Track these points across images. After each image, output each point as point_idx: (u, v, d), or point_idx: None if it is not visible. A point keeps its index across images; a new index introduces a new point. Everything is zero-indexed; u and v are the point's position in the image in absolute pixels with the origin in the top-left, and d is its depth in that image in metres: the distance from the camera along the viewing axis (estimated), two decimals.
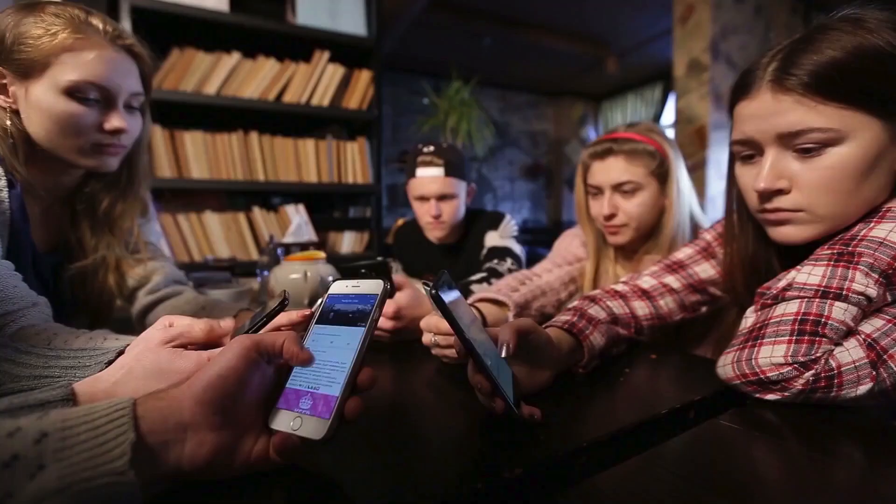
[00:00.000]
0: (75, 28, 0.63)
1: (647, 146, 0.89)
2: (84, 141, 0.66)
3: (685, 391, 0.54)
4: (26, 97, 0.63)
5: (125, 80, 0.68)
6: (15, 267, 0.62)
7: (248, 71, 1.80)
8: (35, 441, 0.28)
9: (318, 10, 1.89)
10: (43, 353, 0.49)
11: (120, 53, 0.67)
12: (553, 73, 4.59)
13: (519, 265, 1.17)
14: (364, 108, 2.00)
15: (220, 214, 1.83)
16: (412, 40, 3.71)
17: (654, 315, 0.73)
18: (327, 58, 1.92)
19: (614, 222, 0.91)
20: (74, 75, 0.63)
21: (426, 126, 3.85)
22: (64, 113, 0.63)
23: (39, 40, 0.62)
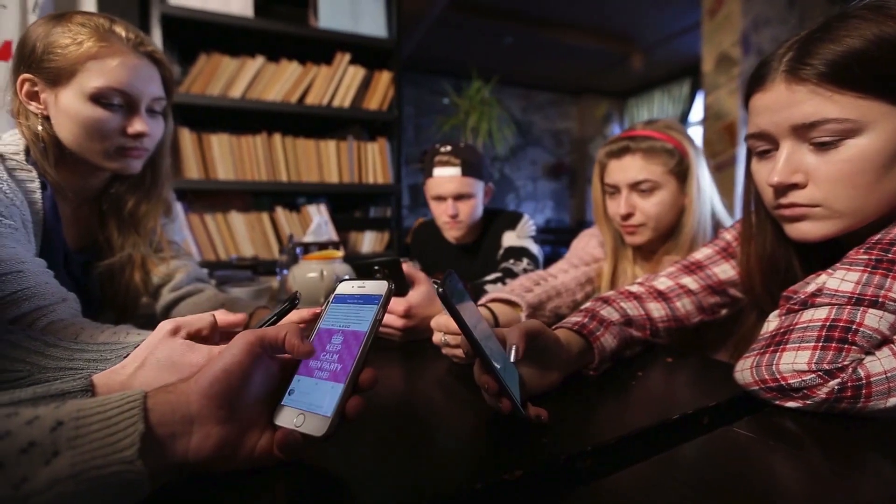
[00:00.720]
0: (100, 36, 0.66)
1: (666, 144, 0.87)
2: (109, 144, 0.69)
3: (700, 396, 0.53)
4: (56, 103, 0.67)
5: (147, 86, 0.70)
6: (47, 264, 0.66)
7: (272, 74, 1.84)
8: (51, 429, 0.30)
9: (339, 13, 1.92)
10: (69, 346, 0.51)
11: (142, 60, 0.69)
12: (576, 71, 4.52)
13: (536, 265, 1.16)
14: (384, 108, 2.02)
15: (245, 214, 1.88)
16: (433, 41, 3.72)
17: (670, 317, 0.71)
18: (348, 60, 1.94)
19: (631, 222, 0.90)
20: (99, 82, 0.66)
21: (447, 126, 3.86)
22: (90, 118, 0.66)
23: (67, 49, 0.65)
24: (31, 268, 0.61)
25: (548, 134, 5.16)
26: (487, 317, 0.72)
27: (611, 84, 4.90)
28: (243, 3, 1.73)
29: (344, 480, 0.36)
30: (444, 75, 4.25)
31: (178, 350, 0.43)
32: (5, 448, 0.28)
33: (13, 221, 0.63)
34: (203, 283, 0.86)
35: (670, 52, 4.06)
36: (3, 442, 0.28)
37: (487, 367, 0.43)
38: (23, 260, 0.62)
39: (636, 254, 0.99)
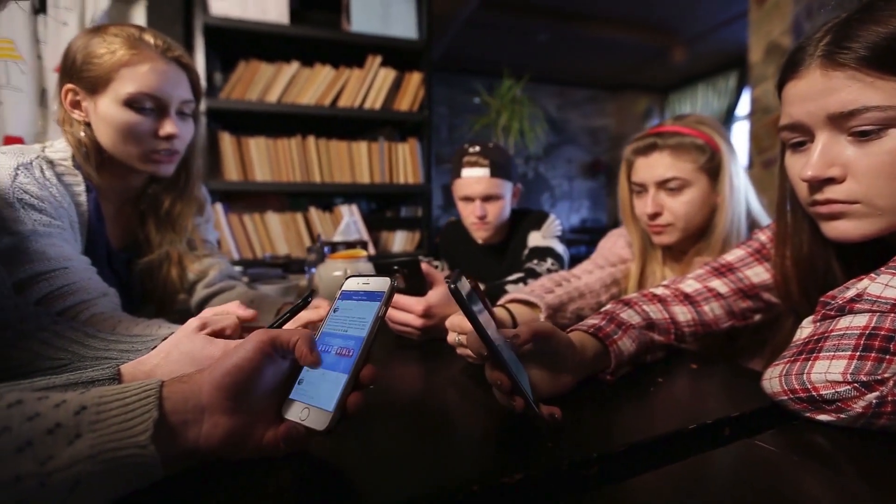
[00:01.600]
0: (131, 45, 0.70)
1: (696, 139, 0.83)
2: (143, 147, 0.73)
3: (723, 405, 0.50)
4: (95, 110, 0.72)
5: (175, 89, 0.74)
6: (91, 261, 0.71)
7: (306, 79, 1.90)
8: (75, 412, 0.32)
9: (371, 17, 1.96)
10: (105, 338, 0.55)
11: (170, 65, 0.74)
12: (614, 66, 4.39)
13: (561, 266, 1.14)
14: (415, 109, 2.04)
15: (281, 214, 1.95)
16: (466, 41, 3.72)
17: (697, 321, 0.68)
18: (379, 62, 1.98)
19: (659, 221, 0.86)
20: (132, 87, 0.70)
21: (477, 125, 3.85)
22: (125, 122, 0.71)
23: (102, 58, 0.70)
24: (77, 265, 0.67)
25: (584, 131, 5.04)
26: (505, 317, 0.71)
27: (651, 78, 4.73)
28: (279, 10, 1.80)
29: (344, 474, 0.37)
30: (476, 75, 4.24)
31: (199, 345, 0.45)
32: (34, 428, 0.30)
33: (61, 222, 0.68)
34: (234, 280, 0.90)
35: (715, 43, 3.87)
36: (33, 422, 0.31)
37: (499, 364, 0.43)
38: (69, 258, 0.67)
39: (666, 255, 0.95)
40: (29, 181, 0.67)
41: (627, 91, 5.01)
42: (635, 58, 4.19)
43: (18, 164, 0.67)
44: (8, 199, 0.65)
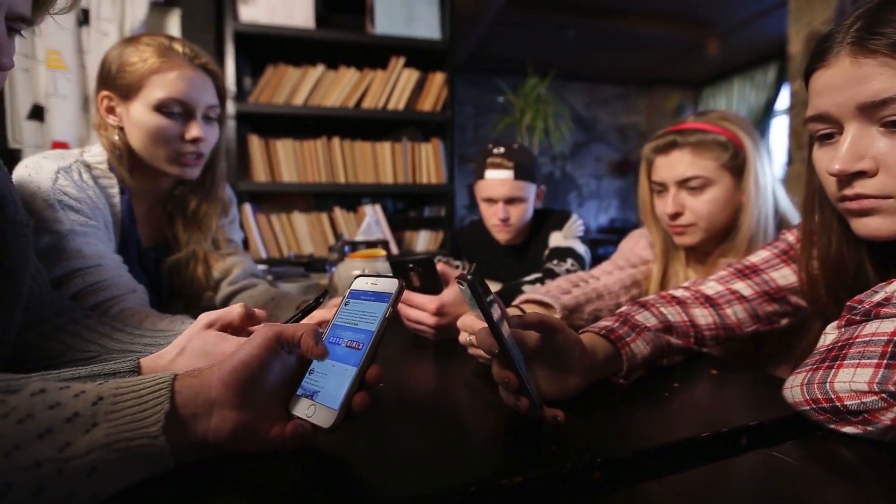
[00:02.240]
0: (161, 53, 0.74)
1: (718, 136, 0.80)
2: (171, 150, 0.77)
3: (741, 414, 0.48)
4: (128, 115, 0.76)
5: (202, 95, 0.78)
6: (123, 259, 0.75)
7: (331, 81, 1.93)
8: (93, 403, 0.34)
9: (394, 18, 1.97)
10: (131, 332, 0.58)
11: (197, 72, 0.77)
12: (645, 62, 4.27)
13: (581, 266, 1.12)
14: (438, 109, 2.05)
15: (306, 214, 1.99)
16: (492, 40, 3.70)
17: (718, 325, 0.66)
18: (402, 63, 1.99)
19: (680, 222, 0.84)
20: (161, 93, 0.74)
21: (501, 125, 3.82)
22: (154, 126, 0.75)
23: (135, 66, 0.73)
24: (109, 262, 0.70)
25: (613, 129, 4.93)
26: None
27: (684, 73, 4.57)
28: (305, 15, 1.84)
29: (346, 470, 0.38)
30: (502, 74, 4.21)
31: (212, 340, 0.47)
32: (55, 416, 0.32)
33: (96, 222, 0.72)
34: (257, 278, 0.93)
35: (752, 34, 3.71)
36: (54, 410, 0.33)
37: (507, 362, 0.43)
38: (103, 255, 0.71)
39: (689, 256, 0.92)
40: (68, 184, 0.71)
41: (659, 87, 4.87)
42: (667, 52, 4.06)
43: (59, 168, 0.71)
44: (49, 201, 0.69)
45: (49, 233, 0.68)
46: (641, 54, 4.09)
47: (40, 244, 0.67)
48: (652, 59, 4.22)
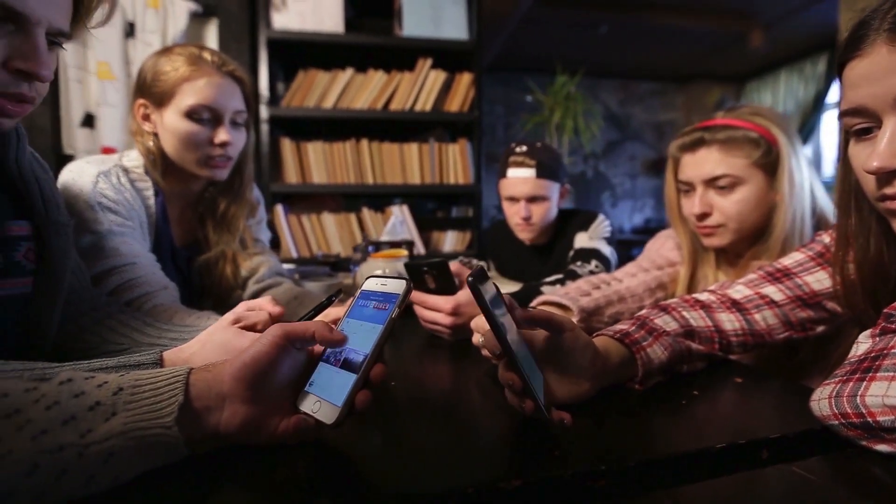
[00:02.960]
0: (191, 61, 0.78)
1: (749, 132, 0.76)
2: (200, 154, 0.81)
3: (764, 425, 0.46)
4: (162, 122, 0.80)
5: (229, 101, 0.81)
6: (156, 258, 0.79)
7: (360, 84, 1.97)
8: (113, 393, 0.36)
9: (422, 20, 1.99)
10: (160, 327, 0.61)
11: (225, 79, 0.80)
12: (682, 56, 4.12)
13: (606, 268, 1.09)
14: (465, 110, 2.05)
15: (336, 215, 2.04)
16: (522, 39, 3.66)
17: (746, 331, 0.63)
18: (430, 64, 2.01)
19: (708, 223, 0.80)
20: (191, 100, 0.77)
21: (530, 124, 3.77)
22: (185, 132, 0.79)
23: (168, 75, 0.77)
24: (143, 261, 0.75)
25: (649, 127, 4.78)
26: None
27: (725, 67, 4.38)
28: (335, 20, 1.88)
29: (347, 466, 0.38)
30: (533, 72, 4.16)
31: (230, 336, 0.49)
32: (79, 404, 0.35)
33: (132, 223, 0.77)
34: (282, 277, 0.97)
35: (799, 23, 3.50)
36: (79, 399, 0.35)
37: (512, 364, 0.42)
38: (138, 254, 0.75)
39: (719, 258, 0.88)
40: (107, 187, 0.76)
41: (697, 82, 4.68)
42: (706, 46, 3.90)
43: (99, 172, 0.76)
44: (90, 202, 0.74)
45: (90, 233, 0.73)
46: (678, 48, 3.95)
47: (82, 243, 0.72)
48: (690, 54, 4.06)
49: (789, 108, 4.06)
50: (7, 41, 0.48)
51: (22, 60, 0.48)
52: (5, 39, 0.48)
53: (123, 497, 0.33)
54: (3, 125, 0.51)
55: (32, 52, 0.49)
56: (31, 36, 0.49)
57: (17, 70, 0.48)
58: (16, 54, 0.48)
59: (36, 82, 0.50)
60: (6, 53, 0.48)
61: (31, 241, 0.59)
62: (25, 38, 0.48)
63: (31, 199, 0.59)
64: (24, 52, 0.48)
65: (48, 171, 0.66)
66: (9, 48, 0.48)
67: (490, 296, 0.43)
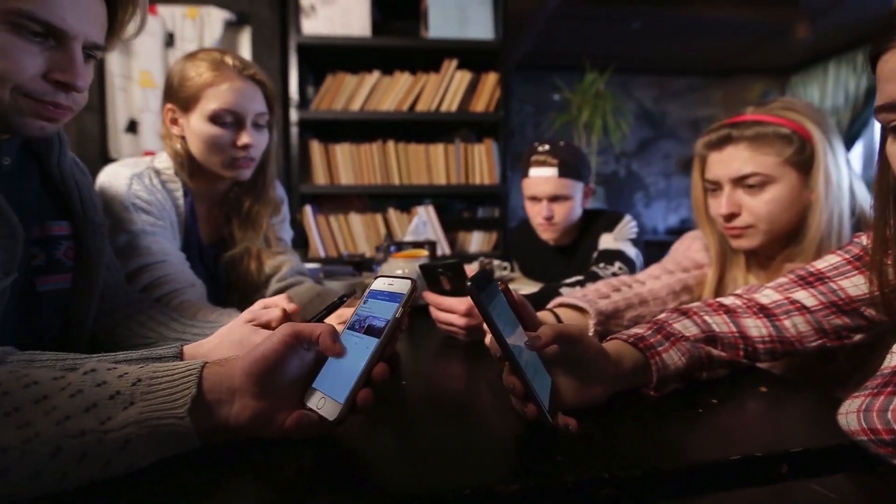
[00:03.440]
0: (214, 67, 0.81)
1: (780, 128, 0.72)
2: (225, 157, 0.84)
3: (785, 438, 0.43)
4: (188, 126, 0.84)
5: (251, 104, 0.84)
6: (186, 255, 0.83)
7: (387, 86, 2.00)
8: (132, 383, 0.38)
9: (448, 21, 2.00)
10: (185, 322, 0.64)
11: (246, 83, 0.83)
12: (721, 50, 3.95)
13: (630, 271, 1.06)
14: (491, 110, 2.05)
15: (362, 215, 2.08)
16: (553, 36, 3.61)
17: (774, 337, 0.59)
18: (455, 65, 2.01)
19: (737, 223, 0.77)
20: (215, 104, 0.81)
21: (557, 123, 3.71)
22: (210, 135, 0.82)
23: (192, 80, 0.81)
24: (173, 259, 0.79)
25: (685, 124, 4.61)
26: (550, 322, 0.69)
27: (767, 60, 4.17)
28: (362, 24, 1.92)
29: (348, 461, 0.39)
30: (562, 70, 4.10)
31: (246, 333, 0.51)
32: (100, 392, 0.37)
33: (163, 222, 0.81)
34: (303, 275, 0.99)
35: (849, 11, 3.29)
36: (100, 388, 0.37)
37: (515, 369, 0.42)
38: (168, 253, 0.79)
39: (750, 260, 0.84)
40: (140, 188, 0.80)
41: (738, 76, 4.48)
42: (747, 38, 3.72)
43: (132, 175, 0.81)
44: (125, 204, 0.79)
45: (125, 232, 0.77)
46: (717, 42, 3.79)
47: (118, 242, 0.76)
48: (730, 46, 3.89)
49: (839, 102, 3.83)
50: (48, 55, 0.51)
51: (60, 72, 0.52)
52: (47, 53, 0.51)
53: (139, 483, 0.35)
54: (44, 130, 0.55)
55: (70, 64, 0.52)
56: (69, 50, 0.52)
57: (55, 81, 0.52)
58: (55, 67, 0.52)
59: (73, 92, 0.54)
60: (47, 66, 0.52)
61: (70, 240, 0.63)
62: (64, 52, 0.52)
63: (70, 200, 0.63)
64: (62, 64, 0.52)
65: (87, 174, 0.70)
66: (49, 61, 0.52)
67: (493, 299, 0.43)
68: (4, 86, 0.50)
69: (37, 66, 0.51)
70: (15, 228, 0.53)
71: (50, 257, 0.61)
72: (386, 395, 0.54)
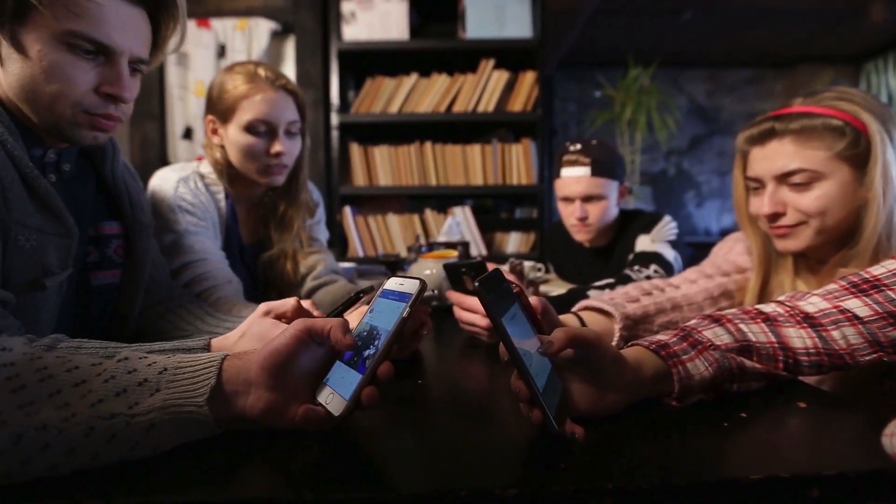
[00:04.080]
0: (249, 79, 0.86)
1: (831, 120, 0.66)
2: (260, 164, 0.89)
3: (821, 459, 0.40)
4: (226, 135, 0.89)
5: (283, 113, 0.88)
6: (227, 254, 0.88)
7: (424, 88, 2.02)
8: (159, 372, 0.41)
9: (486, 21, 1.99)
10: (219, 317, 0.68)
11: (279, 93, 0.87)
12: (783, 38, 3.68)
13: (668, 274, 1.01)
14: (528, 109, 2.02)
15: (400, 216, 2.11)
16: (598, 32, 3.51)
17: (820, 349, 0.55)
18: (492, 65, 2.00)
19: (783, 222, 0.71)
20: (249, 115, 0.85)
21: (599, 121, 3.60)
22: (245, 144, 0.87)
23: (229, 92, 0.86)
24: (213, 257, 0.84)
25: (741, 118, 4.33)
26: (573, 325, 0.67)
27: (836, 47, 3.84)
28: (400, 28, 1.95)
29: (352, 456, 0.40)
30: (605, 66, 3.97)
31: (267, 326, 0.53)
32: (131, 379, 0.40)
33: (206, 223, 0.87)
34: (337, 274, 1.03)
35: None
36: (131, 375, 0.41)
37: (521, 372, 0.42)
38: (209, 251, 0.84)
39: (799, 264, 0.78)
40: (186, 191, 0.86)
41: (803, 65, 4.16)
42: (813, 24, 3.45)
43: (179, 178, 0.87)
44: (171, 205, 0.85)
45: (171, 232, 0.83)
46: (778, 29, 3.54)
47: (165, 241, 0.82)
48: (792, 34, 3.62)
49: None
50: (98, 70, 0.57)
51: (109, 85, 0.57)
52: (97, 69, 0.57)
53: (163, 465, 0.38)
54: (97, 140, 0.60)
55: (117, 78, 0.57)
56: (117, 65, 0.57)
57: (105, 94, 0.57)
58: (104, 81, 0.57)
59: (121, 104, 0.59)
60: (97, 80, 0.57)
61: (120, 239, 0.69)
62: (112, 67, 0.57)
63: (121, 203, 0.69)
64: (110, 78, 0.57)
65: (137, 178, 0.76)
66: (99, 76, 0.57)
67: (505, 301, 0.43)
68: (65, 102, 0.55)
69: (89, 81, 0.56)
70: (71, 228, 0.58)
71: (102, 254, 0.66)
72: (400, 393, 0.55)
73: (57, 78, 0.54)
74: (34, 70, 0.53)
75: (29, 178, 0.55)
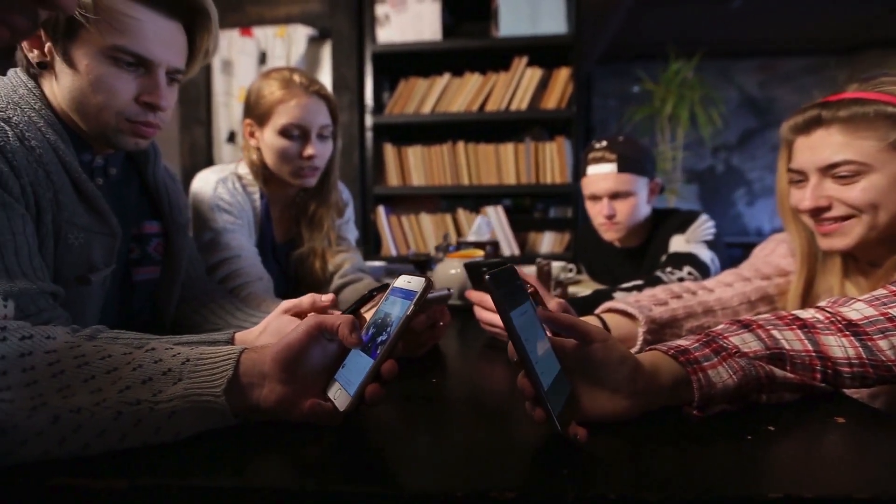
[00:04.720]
0: (284, 84, 0.89)
1: (886, 107, 0.60)
2: (293, 167, 0.93)
3: (853, 480, 0.37)
4: (262, 139, 0.93)
5: (316, 118, 0.91)
6: (260, 252, 0.93)
7: (457, 88, 2.03)
8: (182, 363, 0.44)
9: (519, 18, 1.97)
10: (247, 312, 0.71)
11: (312, 98, 0.91)
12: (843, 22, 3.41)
13: (703, 276, 0.97)
14: (563, 106, 1.98)
15: (432, 215, 2.13)
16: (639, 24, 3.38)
17: (864, 360, 0.50)
18: (525, 63, 1.98)
19: (829, 215, 0.66)
20: (284, 120, 0.89)
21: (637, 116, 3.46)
22: (280, 148, 0.91)
23: (265, 98, 0.90)
24: (246, 254, 0.88)
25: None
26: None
27: None
28: (433, 29, 1.97)
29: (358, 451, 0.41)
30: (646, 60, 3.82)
31: (284, 323, 0.56)
32: (156, 369, 0.43)
33: (241, 221, 0.91)
34: (364, 273, 1.05)
35: None
36: (157, 364, 0.43)
37: (527, 370, 0.41)
38: (243, 248, 0.89)
39: (848, 266, 0.72)
40: (224, 191, 0.91)
41: (868, 52, 3.84)
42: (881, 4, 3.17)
43: (218, 179, 0.92)
44: (210, 205, 0.90)
45: (209, 230, 0.88)
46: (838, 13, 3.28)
47: (203, 238, 0.87)
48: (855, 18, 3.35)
49: None
50: (139, 81, 0.61)
51: (148, 95, 0.61)
52: (138, 80, 0.61)
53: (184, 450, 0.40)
54: (139, 145, 0.65)
55: (155, 88, 0.61)
56: (155, 75, 0.61)
57: (144, 103, 0.61)
58: (143, 90, 0.61)
59: (158, 112, 0.63)
60: (138, 90, 0.61)
61: (160, 237, 0.74)
62: (151, 78, 0.61)
63: (161, 203, 0.74)
64: (149, 88, 0.61)
65: (176, 180, 0.82)
66: (139, 86, 0.61)
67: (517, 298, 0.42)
68: (109, 111, 0.60)
69: (130, 91, 0.60)
70: (115, 228, 0.63)
71: (143, 252, 0.71)
72: (413, 391, 0.55)
73: (102, 89, 0.58)
74: (83, 82, 0.58)
75: (78, 182, 0.60)
